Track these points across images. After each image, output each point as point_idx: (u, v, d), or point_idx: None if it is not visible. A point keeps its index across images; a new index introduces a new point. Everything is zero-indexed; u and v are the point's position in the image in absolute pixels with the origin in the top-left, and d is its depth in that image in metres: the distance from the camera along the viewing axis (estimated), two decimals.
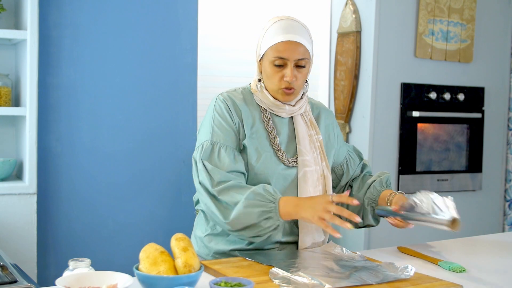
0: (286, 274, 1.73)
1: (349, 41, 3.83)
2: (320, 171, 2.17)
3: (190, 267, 1.56)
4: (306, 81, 2.19)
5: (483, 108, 4.18)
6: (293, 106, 2.17)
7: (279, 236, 2.02)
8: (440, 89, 3.97)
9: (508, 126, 4.34)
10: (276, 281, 1.66)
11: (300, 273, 1.74)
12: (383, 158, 3.81)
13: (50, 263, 3.25)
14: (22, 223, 2.94)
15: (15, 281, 1.94)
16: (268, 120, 2.15)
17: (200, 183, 2.05)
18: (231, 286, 1.48)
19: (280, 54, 2.07)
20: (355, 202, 1.91)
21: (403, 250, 2.17)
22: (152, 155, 3.46)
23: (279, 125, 2.17)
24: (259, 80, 2.18)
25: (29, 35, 2.91)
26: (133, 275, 1.60)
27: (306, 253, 2.01)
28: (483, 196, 4.24)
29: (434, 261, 2.01)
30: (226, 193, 1.99)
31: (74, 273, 1.61)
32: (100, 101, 3.34)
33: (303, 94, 2.21)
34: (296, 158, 2.14)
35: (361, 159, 2.45)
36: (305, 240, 2.12)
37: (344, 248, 2.01)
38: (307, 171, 2.13)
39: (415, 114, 3.85)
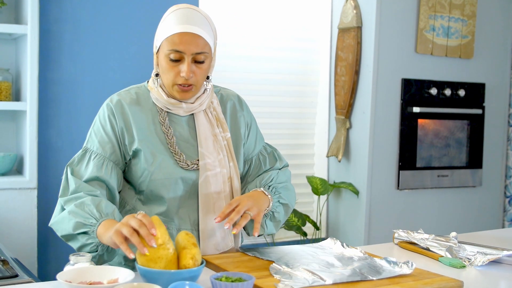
0: (286, 269, 1.73)
1: (350, 37, 3.82)
2: (227, 173, 1.97)
3: (196, 261, 1.57)
4: (208, 77, 1.98)
5: (484, 104, 4.18)
6: (192, 103, 1.95)
7: (105, 257, 1.80)
8: (440, 85, 3.96)
9: (508, 122, 4.34)
10: (277, 276, 1.66)
11: (300, 268, 1.74)
12: (383, 153, 3.81)
13: (51, 257, 3.25)
14: (22, 218, 2.94)
15: (16, 276, 1.94)
16: (164, 121, 1.94)
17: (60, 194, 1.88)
18: (232, 281, 1.48)
19: (175, 47, 1.84)
20: (151, 243, 1.56)
21: (404, 246, 2.17)
22: None
23: (177, 125, 1.96)
24: (157, 75, 1.95)
25: (29, 29, 2.91)
26: (133, 270, 1.60)
27: (307, 249, 2.01)
28: (483, 192, 4.25)
29: (434, 257, 2.01)
30: (70, 203, 1.82)
31: (75, 267, 1.61)
32: (100, 96, 3.33)
33: (205, 90, 1.99)
34: (198, 161, 1.93)
35: (274, 166, 2.14)
36: (206, 249, 1.93)
37: (344, 244, 2.01)
38: (209, 176, 1.93)
39: (416, 110, 3.84)
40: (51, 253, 3.26)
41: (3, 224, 2.91)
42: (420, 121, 3.92)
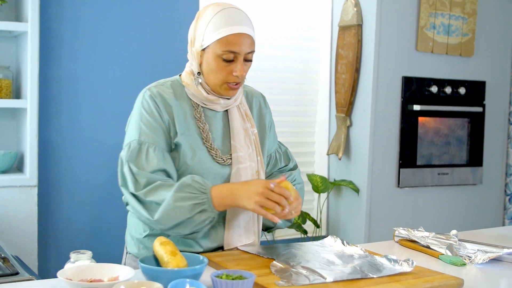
0: (287, 267, 1.73)
1: (350, 35, 3.82)
2: (255, 167, 2.02)
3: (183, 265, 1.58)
4: None
5: (484, 102, 4.18)
6: (228, 99, 2.01)
7: (207, 228, 1.91)
8: (441, 83, 3.96)
9: (509, 120, 4.34)
10: (277, 274, 1.66)
11: (301, 266, 1.74)
12: (383, 151, 3.81)
13: (51, 255, 3.25)
14: (23, 216, 2.95)
15: (17, 273, 1.94)
16: (200, 116, 1.98)
17: (124, 186, 1.91)
18: (233, 279, 1.48)
19: (231, 48, 1.89)
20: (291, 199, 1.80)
21: (404, 244, 2.17)
22: None
23: (212, 120, 2.00)
24: (198, 74, 1.98)
25: (29, 27, 2.91)
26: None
27: (307, 246, 2.01)
28: (483, 190, 4.25)
29: (434, 255, 2.01)
30: (152, 193, 1.85)
31: (76, 265, 1.61)
32: (100, 94, 3.34)
33: None
34: (231, 155, 1.99)
35: (287, 165, 2.24)
36: (231, 242, 1.98)
37: (345, 241, 2.01)
38: (240, 168, 1.98)
39: (416, 107, 3.84)
40: (51, 251, 3.26)
41: (4, 222, 2.91)
42: (420, 119, 3.92)
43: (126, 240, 2.10)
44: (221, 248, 2.00)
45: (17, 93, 3.12)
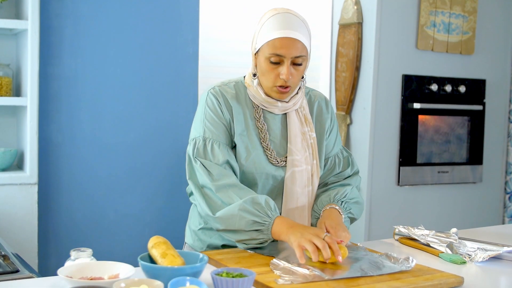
0: (287, 265, 1.73)
1: (351, 33, 3.82)
2: (311, 170, 2.07)
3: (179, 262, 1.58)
4: (303, 76, 2.07)
5: (484, 100, 4.18)
6: (286, 102, 2.06)
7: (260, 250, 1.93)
8: (441, 81, 3.96)
9: (509, 118, 4.34)
10: (277, 272, 1.66)
11: (300, 264, 1.74)
12: (383, 150, 3.81)
13: (51, 253, 3.26)
14: (23, 213, 2.95)
15: (17, 271, 1.94)
16: (260, 117, 2.05)
17: (192, 179, 1.98)
18: (233, 277, 1.48)
19: (276, 51, 1.95)
20: (339, 258, 1.74)
21: (404, 242, 2.17)
22: (153, 145, 3.46)
23: (271, 122, 2.07)
24: (254, 75, 2.05)
25: (30, 25, 2.91)
26: (134, 265, 1.60)
27: None
28: (483, 188, 4.25)
29: (434, 253, 2.01)
30: (224, 191, 1.92)
31: (76, 263, 1.61)
32: (101, 92, 3.34)
33: (299, 89, 2.09)
34: (286, 157, 2.04)
35: (349, 169, 2.23)
36: (283, 244, 1.99)
37: None
38: (296, 171, 2.04)
39: (416, 106, 3.84)
40: (51, 248, 3.26)
41: (4, 220, 2.91)
42: (420, 117, 3.92)
43: (186, 232, 2.21)
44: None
45: (17, 91, 3.12)
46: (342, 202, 2.10)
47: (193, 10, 3.53)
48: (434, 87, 3.92)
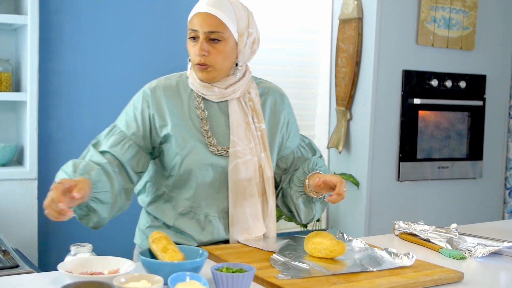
0: (287, 260, 1.73)
1: (351, 28, 3.82)
2: (258, 162, 2.00)
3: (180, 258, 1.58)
4: (237, 64, 2.01)
5: (485, 95, 4.17)
6: (224, 88, 2.00)
7: (93, 219, 1.90)
8: (441, 77, 3.96)
9: (509, 114, 4.34)
10: (277, 267, 1.66)
11: (301, 259, 1.74)
12: (384, 145, 3.81)
13: (51, 248, 3.26)
14: (23, 209, 2.95)
15: (17, 266, 1.95)
16: (199, 104, 2.00)
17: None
18: (233, 272, 1.48)
19: (192, 26, 1.94)
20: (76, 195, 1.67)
21: (404, 237, 2.17)
22: None
23: (212, 111, 2.01)
24: (190, 60, 2.02)
25: (29, 20, 2.90)
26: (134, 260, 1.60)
27: None
28: (483, 184, 4.25)
29: (434, 248, 2.01)
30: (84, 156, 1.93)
31: (76, 258, 1.62)
32: (100, 87, 3.34)
33: (242, 77, 2.04)
34: (228, 148, 1.97)
35: (314, 155, 2.23)
36: (235, 235, 1.98)
37: (345, 235, 2.01)
38: (239, 163, 1.96)
39: (416, 101, 3.84)
40: (51, 244, 3.26)
41: (4, 215, 2.91)
42: (420, 112, 3.92)
43: (136, 232, 2.19)
44: (217, 242, 1.99)
45: (17, 86, 3.12)
46: (315, 170, 2.09)
47: (193, 6, 3.52)
48: (434, 82, 3.91)
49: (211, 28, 1.92)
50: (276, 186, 2.15)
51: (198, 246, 1.94)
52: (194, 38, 1.95)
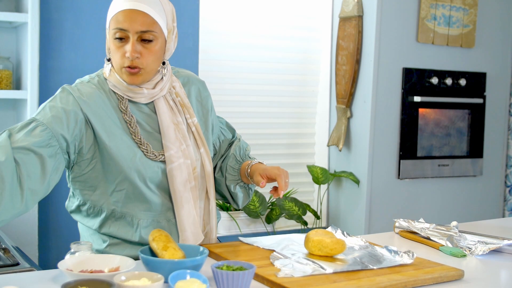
0: (287, 258, 1.73)
1: (351, 26, 3.81)
2: (192, 164, 1.88)
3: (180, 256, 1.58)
4: (164, 63, 1.88)
5: (485, 93, 4.17)
6: (152, 88, 1.85)
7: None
8: (441, 74, 3.96)
9: (509, 111, 4.34)
10: (277, 265, 1.66)
11: (301, 257, 1.74)
12: (384, 143, 3.81)
13: (52, 246, 3.26)
14: None
15: (17, 264, 1.94)
16: (126, 109, 1.83)
17: None
18: (233, 270, 1.48)
19: (119, 25, 1.75)
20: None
21: (404, 235, 2.18)
22: None
23: (139, 114, 1.86)
24: (108, 60, 1.84)
25: (30, 18, 2.90)
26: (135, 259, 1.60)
27: None
28: (483, 181, 4.25)
29: (435, 246, 2.01)
30: None
31: (76, 256, 1.61)
32: None
33: (162, 76, 1.89)
34: (164, 153, 1.85)
35: (233, 135, 2.18)
36: (184, 239, 1.87)
37: (345, 232, 2.01)
38: (173, 168, 1.83)
39: (417, 99, 3.84)
40: (52, 242, 3.26)
41: None
42: (421, 110, 3.91)
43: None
44: None
45: (17, 84, 3.11)
46: (246, 156, 2.09)
47: (193, 3, 3.52)
48: (435, 80, 3.91)
49: (144, 27, 1.76)
50: None
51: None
52: (121, 39, 1.77)
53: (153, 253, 1.63)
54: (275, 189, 1.92)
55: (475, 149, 4.17)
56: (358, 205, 3.84)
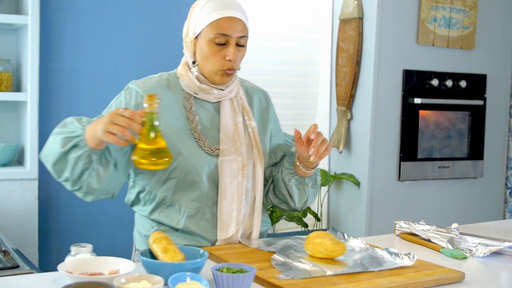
0: (287, 260, 1.73)
1: (351, 28, 3.81)
2: (244, 161, 2.00)
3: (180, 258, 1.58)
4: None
5: (485, 95, 4.17)
6: (222, 90, 2.02)
7: (94, 181, 1.83)
8: (442, 76, 3.96)
9: (509, 113, 4.34)
10: (278, 268, 1.66)
11: (301, 259, 1.74)
12: (384, 145, 3.80)
13: (52, 248, 3.26)
14: (23, 209, 2.95)
15: (17, 266, 1.94)
16: (191, 107, 1.99)
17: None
18: (233, 272, 1.48)
19: (221, 31, 1.91)
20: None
21: (405, 237, 2.17)
22: None
23: (204, 111, 2.02)
24: (194, 63, 2.00)
25: (30, 20, 2.90)
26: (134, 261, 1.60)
27: None
28: (484, 183, 4.24)
29: (435, 248, 2.01)
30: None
31: (76, 258, 1.61)
32: (100, 87, 3.33)
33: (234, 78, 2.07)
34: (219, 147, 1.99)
35: None
36: (222, 233, 1.97)
37: (345, 235, 2.01)
38: (224, 161, 1.97)
39: (417, 101, 3.84)
40: (52, 244, 3.26)
41: (4, 215, 2.91)
42: (421, 112, 3.91)
43: (134, 237, 2.12)
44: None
45: (17, 86, 3.11)
46: None
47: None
48: (435, 82, 3.91)
49: (242, 33, 1.95)
50: (265, 183, 2.15)
51: (212, 245, 1.96)
52: (220, 44, 1.94)
53: (153, 256, 1.63)
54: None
55: (476, 151, 4.17)
56: (358, 207, 3.84)
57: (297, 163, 2.05)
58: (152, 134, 1.71)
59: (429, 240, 2.07)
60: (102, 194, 1.91)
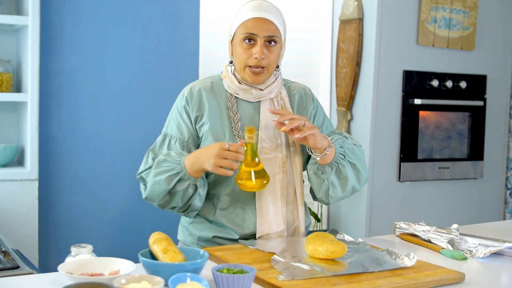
0: (287, 261, 1.73)
1: (351, 28, 3.82)
2: (283, 158, 2.09)
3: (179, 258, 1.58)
4: (278, 66, 2.15)
5: (485, 96, 4.17)
6: (261, 90, 2.12)
7: (198, 202, 2.03)
8: (442, 77, 3.96)
9: (510, 114, 4.34)
10: (278, 268, 1.66)
11: (301, 260, 1.74)
12: (384, 145, 3.80)
13: (52, 249, 3.26)
14: (23, 209, 2.95)
15: (17, 267, 1.94)
16: (233, 106, 2.11)
17: (139, 172, 2.09)
18: (234, 273, 1.48)
19: (249, 30, 2.04)
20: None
21: (405, 238, 2.17)
22: (153, 141, 3.45)
23: (245, 111, 2.11)
24: (231, 62, 2.14)
25: (30, 20, 2.90)
26: (135, 262, 1.60)
27: None
28: (484, 184, 4.24)
29: (435, 249, 2.01)
30: (149, 173, 2.03)
31: (76, 259, 1.61)
32: (101, 87, 3.34)
33: (275, 78, 2.16)
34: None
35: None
36: (260, 227, 2.06)
37: (346, 235, 2.01)
38: (264, 159, 2.05)
39: (417, 101, 3.84)
40: (52, 245, 3.26)
41: (4, 216, 2.91)
42: (421, 113, 3.91)
43: (178, 229, 2.25)
44: (253, 235, 2.06)
45: (17, 87, 3.12)
46: (332, 141, 2.10)
47: (194, 6, 3.52)
48: (435, 82, 3.91)
49: (270, 33, 2.04)
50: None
51: (239, 239, 2.05)
52: (250, 40, 2.04)
53: (153, 256, 1.63)
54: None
55: (476, 152, 4.17)
56: (358, 207, 3.84)
57: (311, 152, 2.08)
58: (255, 159, 1.94)
59: (429, 241, 2.07)
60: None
